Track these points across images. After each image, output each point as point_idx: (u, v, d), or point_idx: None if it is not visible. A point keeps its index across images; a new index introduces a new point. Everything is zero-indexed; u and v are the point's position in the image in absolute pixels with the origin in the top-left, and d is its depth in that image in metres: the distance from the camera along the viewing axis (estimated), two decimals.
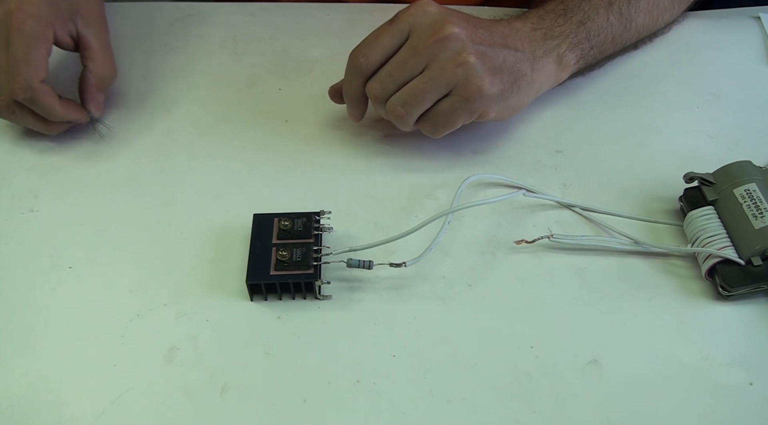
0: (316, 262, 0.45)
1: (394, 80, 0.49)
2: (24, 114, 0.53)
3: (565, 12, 0.56)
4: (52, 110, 0.52)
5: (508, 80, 0.51)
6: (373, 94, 0.50)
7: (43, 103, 0.51)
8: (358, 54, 0.50)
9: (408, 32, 0.49)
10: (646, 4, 0.60)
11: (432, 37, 0.48)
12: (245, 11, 0.68)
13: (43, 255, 0.48)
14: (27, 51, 0.50)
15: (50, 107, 0.52)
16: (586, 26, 0.56)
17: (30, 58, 0.50)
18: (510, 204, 0.52)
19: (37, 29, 0.51)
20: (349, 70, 0.51)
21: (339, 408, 0.41)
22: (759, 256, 0.45)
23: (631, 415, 0.41)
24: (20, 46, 0.50)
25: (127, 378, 0.42)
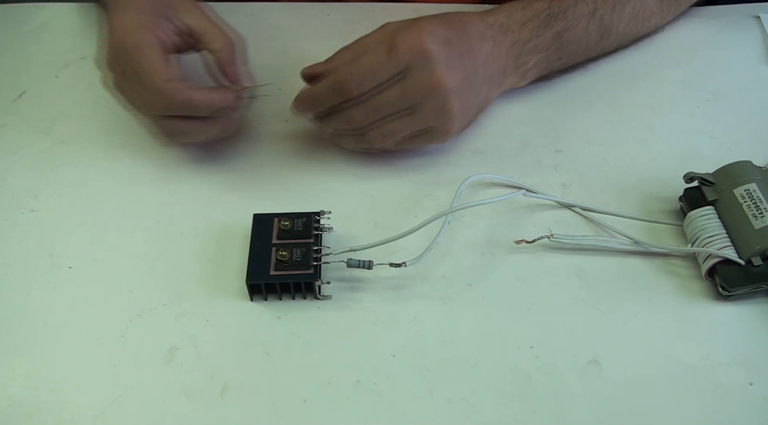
0: (316, 262, 0.45)
1: (379, 115, 0.50)
2: (179, 125, 0.50)
3: (548, 20, 0.55)
4: (191, 102, 0.47)
5: (475, 113, 0.54)
6: (356, 121, 0.50)
7: (179, 98, 0.47)
8: (351, 78, 0.48)
9: (404, 70, 0.48)
10: (632, 9, 0.60)
11: (426, 86, 0.48)
12: (245, 11, 0.68)
13: (43, 255, 0.48)
14: (139, 62, 0.47)
15: (187, 100, 0.47)
16: (562, 38, 0.57)
17: (144, 65, 0.47)
18: (510, 204, 0.52)
19: (136, 38, 0.48)
20: (334, 89, 0.49)
21: (339, 408, 0.41)
22: (759, 256, 0.45)
23: (631, 415, 0.41)
24: (133, 64, 0.47)
25: (127, 378, 0.42)
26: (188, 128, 0.50)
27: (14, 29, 0.66)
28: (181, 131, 0.50)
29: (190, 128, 0.50)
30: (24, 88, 0.61)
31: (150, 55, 0.47)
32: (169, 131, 0.51)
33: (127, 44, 0.47)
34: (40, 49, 0.64)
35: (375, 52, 0.48)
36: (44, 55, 0.64)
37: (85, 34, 0.65)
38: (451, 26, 0.50)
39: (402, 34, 0.48)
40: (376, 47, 0.48)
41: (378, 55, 0.48)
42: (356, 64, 0.48)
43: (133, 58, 0.47)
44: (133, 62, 0.47)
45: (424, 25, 0.49)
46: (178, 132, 0.50)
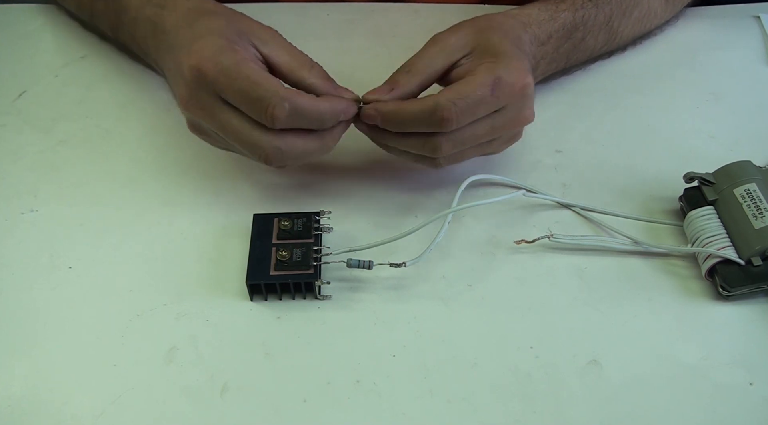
0: (316, 262, 0.45)
1: (464, 147, 0.48)
2: (294, 141, 0.45)
3: (570, 32, 0.56)
4: (317, 108, 0.44)
5: None
6: (442, 152, 0.47)
7: (303, 105, 0.43)
8: (453, 116, 0.44)
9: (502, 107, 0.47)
10: (639, 13, 0.60)
11: (518, 121, 0.49)
12: (245, 11, 0.68)
13: (43, 255, 0.48)
14: (246, 75, 0.43)
15: (312, 107, 0.44)
16: (576, 48, 0.57)
17: (253, 78, 0.43)
18: (510, 204, 0.52)
19: (231, 58, 0.44)
20: (432, 120, 0.45)
21: (339, 408, 0.41)
22: (759, 256, 0.45)
23: (631, 415, 0.41)
24: (237, 81, 0.43)
25: (127, 378, 0.42)
26: (304, 144, 0.45)
27: (14, 29, 0.66)
28: (297, 147, 0.45)
29: (306, 144, 0.45)
30: (24, 88, 0.61)
31: (256, 68, 0.44)
32: (284, 150, 0.45)
33: (225, 64, 0.43)
34: (40, 49, 0.64)
35: (482, 88, 0.45)
36: (44, 55, 0.64)
37: (85, 34, 0.65)
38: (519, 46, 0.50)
39: (506, 70, 0.46)
40: (482, 85, 0.45)
41: (484, 96, 0.45)
42: (463, 100, 0.45)
43: (239, 74, 0.43)
44: (238, 78, 0.43)
45: (522, 60, 0.48)
46: (292, 150, 0.45)
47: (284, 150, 0.45)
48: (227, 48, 0.44)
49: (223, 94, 0.44)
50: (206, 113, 0.45)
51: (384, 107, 0.46)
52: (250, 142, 0.45)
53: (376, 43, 0.65)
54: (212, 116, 0.45)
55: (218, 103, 0.44)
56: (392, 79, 0.48)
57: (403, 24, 0.67)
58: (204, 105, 0.45)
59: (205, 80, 0.43)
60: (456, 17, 0.52)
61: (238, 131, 0.44)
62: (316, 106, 0.44)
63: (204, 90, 0.44)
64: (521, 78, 0.46)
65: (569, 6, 0.56)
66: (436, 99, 0.44)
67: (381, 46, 0.64)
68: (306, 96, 0.44)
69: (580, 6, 0.56)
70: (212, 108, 0.45)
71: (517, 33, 0.51)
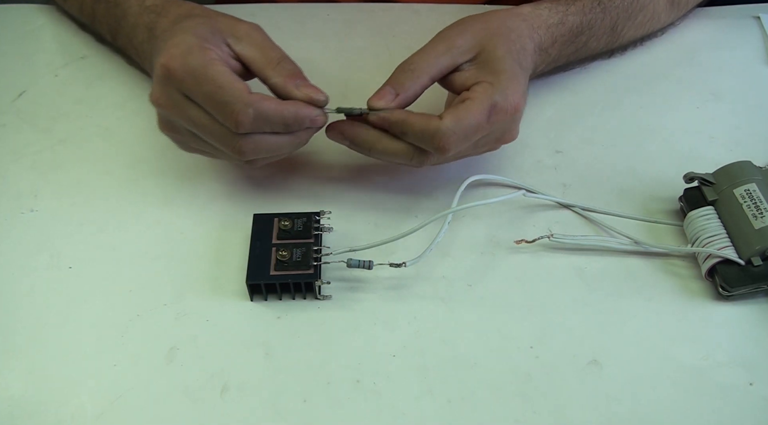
0: (316, 262, 0.45)
1: (451, 159, 0.49)
2: (261, 140, 0.45)
3: (576, 36, 0.56)
4: (280, 114, 0.44)
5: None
6: (428, 164, 0.48)
7: (267, 110, 0.44)
8: (451, 145, 0.46)
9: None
10: (643, 17, 0.60)
11: (504, 139, 0.50)
12: (245, 11, 0.68)
13: (43, 255, 0.48)
14: (213, 78, 0.43)
15: (276, 113, 0.44)
16: (578, 51, 0.57)
17: (219, 80, 0.43)
18: (510, 204, 0.52)
19: (201, 58, 0.44)
20: (429, 142, 0.46)
21: (339, 408, 0.41)
22: (759, 256, 0.45)
23: (631, 415, 0.41)
24: (206, 83, 0.43)
25: (127, 378, 0.42)
26: (272, 142, 0.46)
27: (14, 29, 0.66)
28: (265, 145, 0.46)
29: (274, 142, 0.46)
30: (24, 88, 0.61)
31: (224, 70, 0.44)
32: (251, 148, 0.45)
33: (192, 65, 0.43)
34: (40, 49, 0.64)
35: (480, 117, 0.46)
36: (44, 55, 0.64)
37: (85, 34, 0.65)
38: (520, 60, 0.50)
39: (502, 96, 0.46)
40: (480, 112, 0.46)
41: (480, 121, 0.46)
42: (462, 129, 0.46)
43: (205, 77, 0.43)
44: (204, 81, 0.43)
45: (519, 81, 0.48)
46: (260, 148, 0.46)
47: (252, 148, 0.45)
48: (197, 47, 0.44)
49: (189, 94, 0.44)
50: (177, 110, 0.45)
51: (392, 117, 0.46)
52: (220, 139, 0.45)
53: (376, 43, 0.65)
54: (182, 112, 0.45)
55: (187, 101, 0.45)
56: (396, 80, 0.48)
57: (403, 24, 0.67)
58: (174, 102, 0.45)
59: (173, 79, 0.44)
60: (456, 17, 0.52)
61: (208, 128, 0.45)
62: (280, 112, 0.44)
63: (173, 88, 0.45)
64: (515, 104, 0.47)
65: (578, 9, 0.55)
66: (439, 125, 0.45)
67: (381, 46, 0.64)
68: (271, 101, 0.44)
69: (589, 10, 0.56)
70: (182, 105, 0.45)
71: (523, 43, 0.51)
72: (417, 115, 0.46)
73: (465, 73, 0.48)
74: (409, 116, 0.46)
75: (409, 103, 0.47)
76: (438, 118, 0.46)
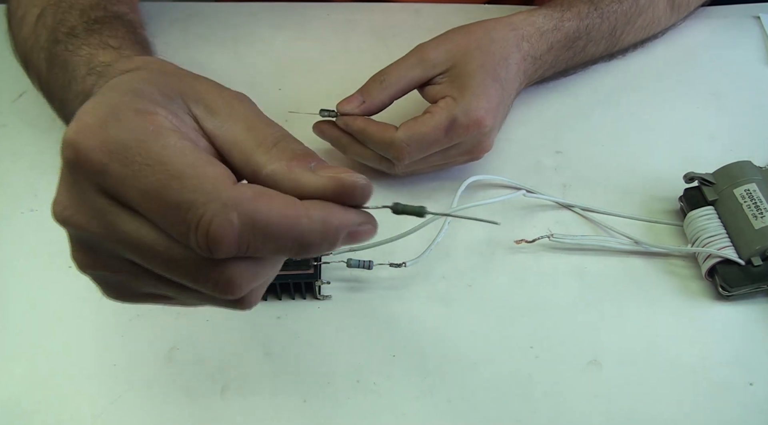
0: (316, 262, 0.45)
1: (418, 168, 0.51)
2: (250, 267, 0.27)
3: (573, 42, 0.56)
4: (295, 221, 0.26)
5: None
6: (395, 171, 0.50)
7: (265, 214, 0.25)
8: (404, 155, 0.48)
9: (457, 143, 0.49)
10: (643, 21, 0.60)
11: (470, 153, 0.51)
12: (245, 11, 0.68)
13: (43, 255, 0.48)
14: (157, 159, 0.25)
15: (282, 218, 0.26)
16: (576, 57, 0.57)
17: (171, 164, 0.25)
18: (510, 205, 0.52)
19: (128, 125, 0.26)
20: (386, 151, 0.48)
21: (339, 408, 0.41)
22: (759, 256, 0.45)
23: (631, 415, 0.41)
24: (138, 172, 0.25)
25: (127, 378, 0.42)
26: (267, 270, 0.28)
27: None
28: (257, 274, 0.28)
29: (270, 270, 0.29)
30: (24, 89, 0.61)
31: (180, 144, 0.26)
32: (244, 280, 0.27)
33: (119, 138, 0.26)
34: None
35: (436, 131, 0.47)
36: None
37: None
38: (497, 73, 0.50)
39: (463, 112, 0.47)
40: (437, 127, 0.47)
41: (437, 136, 0.47)
42: (416, 142, 0.47)
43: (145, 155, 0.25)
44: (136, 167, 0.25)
45: (488, 96, 0.48)
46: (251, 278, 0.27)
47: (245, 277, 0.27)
48: (126, 109, 0.26)
49: (119, 194, 0.26)
50: (100, 224, 0.27)
51: (353, 124, 0.49)
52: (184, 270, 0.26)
53: (376, 43, 0.65)
54: (109, 227, 0.27)
55: (117, 207, 0.26)
56: (366, 88, 0.49)
57: (403, 24, 0.67)
58: (94, 211, 0.27)
59: (86, 167, 0.26)
60: (456, 17, 0.52)
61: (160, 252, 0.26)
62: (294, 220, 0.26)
63: (88, 184, 0.27)
64: (476, 119, 0.48)
65: (575, 15, 0.55)
66: (393, 137, 0.47)
67: (381, 46, 0.64)
68: (275, 199, 0.26)
69: (585, 15, 0.56)
70: (108, 215, 0.26)
71: (506, 53, 0.51)
72: (376, 124, 0.48)
73: (437, 87, 0.50)
74: (369, 125, 0.48)
75: (375, 111, 0.50)
76: (394, 129, 0.48)
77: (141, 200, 0.25)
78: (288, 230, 0.26)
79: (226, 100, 0.29)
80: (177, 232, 0.25)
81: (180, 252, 0.26)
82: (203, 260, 0.26)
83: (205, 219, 0.25)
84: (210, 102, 0.28)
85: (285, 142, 0.28)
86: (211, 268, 0.26)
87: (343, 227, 0.27)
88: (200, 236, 0.25)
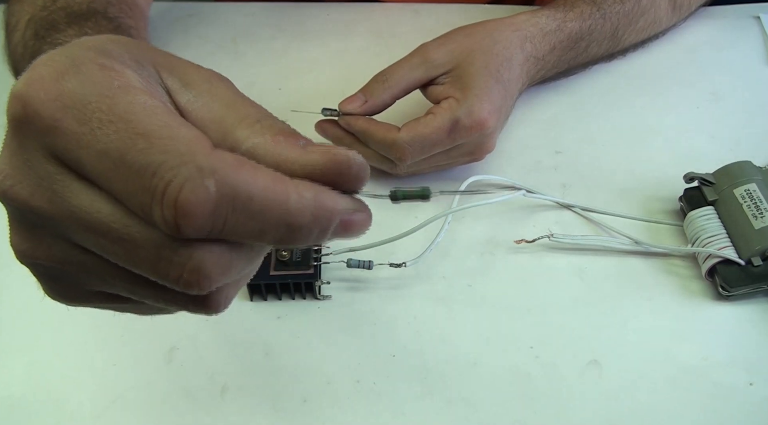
0: (316, 262, 0.45)
1: (420, 168, 0.51)
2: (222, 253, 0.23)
3: (575, 42, 0.56)
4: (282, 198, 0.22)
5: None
6: (397, 171, 0.51)
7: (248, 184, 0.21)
8: (407, 156, 0.48)
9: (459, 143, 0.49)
10: (644, 22, 0.60)
11: (473, 153, 0.51)
12: (245, 11, 0.68)
13: None
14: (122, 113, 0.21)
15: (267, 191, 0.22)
16: (578, 57, 0.57)
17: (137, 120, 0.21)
18: (510, 204, 0.52)
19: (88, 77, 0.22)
20: (388, 152, 0.48)
21: (339, 408, 0.41)
22: (759, 256, 0.45)
23: (631, 415, 0.41)
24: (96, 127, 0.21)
25: (127, 377, 0.42)
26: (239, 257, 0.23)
27: None
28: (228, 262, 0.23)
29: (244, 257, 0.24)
30: None
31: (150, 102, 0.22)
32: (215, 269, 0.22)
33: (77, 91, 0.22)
34: None
35: (438, 132, 0.47)
36: None
37: None
38: (500, 74, 0.50)
39: (466, 113, 0.47)
40: (439, 128, 0.47)
41: (439, 137, 0.48)
42: (418, 143, 0.47)
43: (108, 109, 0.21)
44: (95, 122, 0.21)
45: (490, 98, 0.48)
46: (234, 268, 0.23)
47: (208, 270, 0.22)
48: (90, 64, 0.22)
49: (69, 157, 0.22)
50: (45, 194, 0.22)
51: (355, 124, 0.49)
52: (141, 255, 0.22)
53: (376, 43, 0.65)
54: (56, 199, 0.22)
55: (65, 175, 0.22)
56: (368, 88, 0.50)
57: (403, 24, 0.67)
58: (39, 178, 0.22)
59: (32, 122, 0.22)
60: (456, 17, 0.52)
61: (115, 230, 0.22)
62: (281, 196, 0.22)
63: (35, 145, 0.22)
64: (480, 120, 0.48)
65: (577, 15, 0.56)
66: (395, 137, 0.47)
67: (381, 46, 0.64)
68: (259, 171, 0.22)
69: (588, 16, 0.56)
70: (56, 184, 0.22)
71: (510, 54, 0.51)
72: (378, 125, 0.48)
73: (440, 87, 0.50)
74: (371, 125, 0.48)
75: (377, 111, 0.49)
76: (397, 129, 0.48)
77: (97, 162, 0.21)
78: (274, 207, 0.22)
79: (203, 76, 0.25)
80: (138, 203, 0.21)
81: (140, 231, 0.22)
82: (167, 241, 0.21)
83: (175, 184, 0.20)
84: (185, 76, 0.25)
85: (270, 120, 0.24)
86: (176, 251, 0.21)
87: (337, 211, 0.24)
88: (167, 205, 0.20)
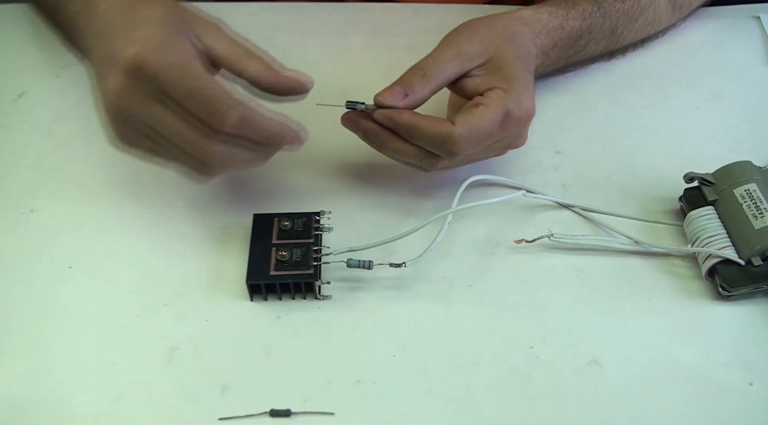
0: (316, 262, 0.45)
1: (462, 163, 0.50)
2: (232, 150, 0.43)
3: (575, 40, 0.56)
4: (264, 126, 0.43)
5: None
6: (437, 168, 0.49)
7: (253, 118, 0.42)
8: (462, 150, 0.46)
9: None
10: (644, 21, 0.60)
11: (508, 146, 0.51)
12: (245, 11, 0.68)
13: (43, 255, 0.48)
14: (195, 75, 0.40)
15: (260, 122, 0.42)
16: (577, 55, 0.57)
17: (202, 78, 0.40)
18: (510, 204, 0.52)
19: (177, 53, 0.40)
20: (440, 147, 0.46)
21: (339, 408, 0.41)
22: (759, 256, 0.45)
23: (631, 415, 0.41)
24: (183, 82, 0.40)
25: (127, 377, 0.42)
26: (241, 154, 0.43)
27: (14, 29, 0.66)
28: (234, 156, 0.43)
29: (243, 155, 0.44)
30: (24, 89, 0.61)
31: (199, 69, 0.41)
32: (222, 156, 0.42)
33: (171, 61, 0.40)
34: (40, 49, 0.64)
35: (492, 123, 0.46)
36: (44, 55, 0.64)
37: None
38: (529, 66, 0.50)
39: (516, 104, 0.47)
40: (493, 119, 0.46)
41: (493, 128, 0.46)
42: (475, 136, 0.46)
43: (188, 73, 0.40)
44: (186, 78, 0.40)
45: (530, 87, 0.48)
46: (229, 157, 0.43)
47: (222, 157, 0.42)
48: (175, 41, 0.41)
49: (168, 90, 0.40)
50: (142, 107, 0.41)
51: (399, 118, 0.46)
52: (190, 141, 0.41)
53: (376, 43, 0.65)
54: (148, 110, 0.41)
55: (155, 99, 0.41)
56: (407, 81, 0.47)
57: (403, 24, 0.67)
58: (140, 98, 0.40)
59: (146, 73, 0.40)
60: (456, 17, 0.52)
61: (176, 129, 0.41)
62: (264, 124, 0.42)
63: (142, 83, 0.40)
64: (527, 111, 0.47)
65: (578, 14, 0.55)
66: (451, 131, 0.45)
67: (381, 46, 0.64)
68: (259, 110, 0.42)
69: (589, 14, 0.56)
70: (149, 103, 0.41)
71: (528, 48, 0.51)
72: (427, 119, 0.46)
73: (476, 79, 0.48)
74: (419, 120, 0.46)
75: (417, 106, 0.47)
76: (450, 123, 0.45)
77: (183, 95, 0.40)
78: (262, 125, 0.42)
79: (212, 25, 0.44)
80: (205, 114, 0.40)
81: (190, 132, 0.41)
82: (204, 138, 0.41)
83: (223, 109, 0.40)
84: (203, 27, 0.43)
85: (259, 53, 0.44)
86: (208, 144, 0.41)
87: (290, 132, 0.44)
88: (217, 119, 0.40)
